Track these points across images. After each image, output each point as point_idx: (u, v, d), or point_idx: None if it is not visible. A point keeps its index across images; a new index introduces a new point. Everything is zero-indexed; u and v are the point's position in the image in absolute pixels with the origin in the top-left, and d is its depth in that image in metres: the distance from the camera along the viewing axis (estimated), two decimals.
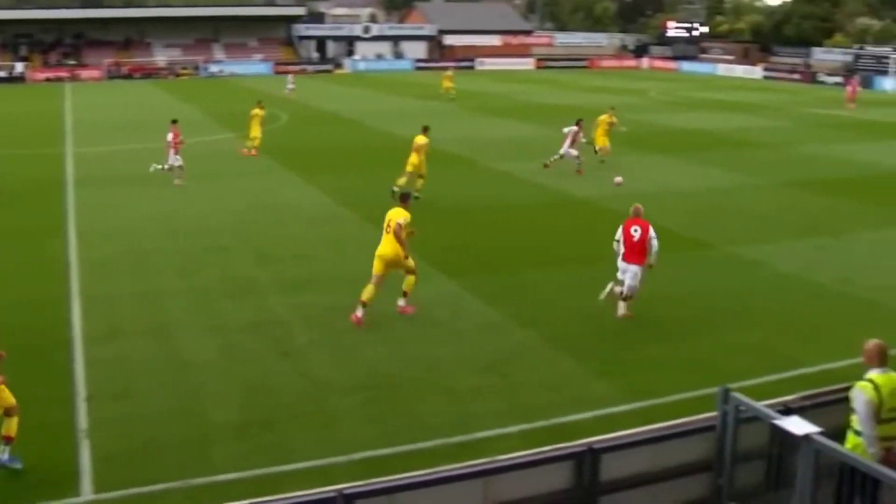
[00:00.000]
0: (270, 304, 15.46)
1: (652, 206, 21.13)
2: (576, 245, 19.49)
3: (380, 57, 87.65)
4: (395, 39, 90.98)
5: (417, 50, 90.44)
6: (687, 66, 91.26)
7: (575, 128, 27.22)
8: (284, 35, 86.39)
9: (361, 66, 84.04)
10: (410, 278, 14.70)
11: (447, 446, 10.44)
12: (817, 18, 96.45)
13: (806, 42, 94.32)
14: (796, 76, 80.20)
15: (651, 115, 46.06)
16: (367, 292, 14.35)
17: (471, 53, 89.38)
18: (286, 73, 67.52)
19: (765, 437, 8.72)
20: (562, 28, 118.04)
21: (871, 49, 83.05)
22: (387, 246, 14.28)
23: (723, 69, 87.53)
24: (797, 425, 7.87)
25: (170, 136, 26.02)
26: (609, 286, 14.96)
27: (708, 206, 23.67)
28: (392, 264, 14.36)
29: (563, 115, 45.66)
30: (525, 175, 27.75)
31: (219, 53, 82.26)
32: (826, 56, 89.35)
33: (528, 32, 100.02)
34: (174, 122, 26.60)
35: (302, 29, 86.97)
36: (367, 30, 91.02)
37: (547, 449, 8.50)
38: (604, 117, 29.23)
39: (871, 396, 7.94)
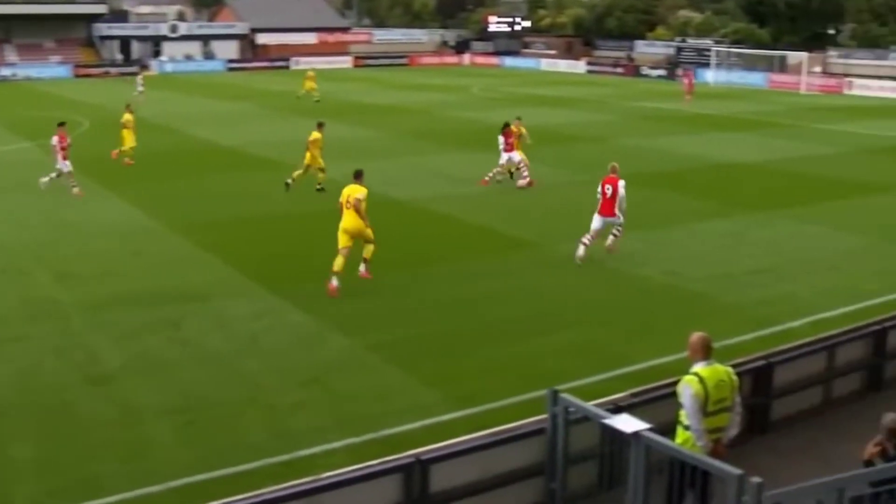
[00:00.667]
0: (74, 326, 14.74)
1: (474, 206, 21.52)
2: (398, 248, 19.49)
3: (189, 58, 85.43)
4: (205, 39, 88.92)
5: (229, 50, 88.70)
6: (510, 61, 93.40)
7: (501, 137, 26.30)
8: (84, 35, 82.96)
9: (169, 67, 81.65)
10: (370, 247, 16.84)
11: (270, 466, 10.22)
12: (639, 11, 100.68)
13: (628, 35, 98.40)
14: (619, 70, 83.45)
15: (474, 112, 46.79)
16: (338, 263, 16.32)
17: (285, 52, 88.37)
18: (135, 74, 64.80)
19: (596, 437, 8.93)
20: (380, 24, 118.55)
21: (692, 42, 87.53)
22: (349, 220, 16.39)
23: (546, 64, 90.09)
24: (626, 423, 8.07)
25: (55, 140, 24.86)
26: (581, 249, 18.37)
27: (531, 204, 24.18)
28: (355, 235, 16.44)
29: (382, 114, 45.85)
30: (345, 178, 27.53)
31: (11, 55, 78.07)
32: (649, 49, 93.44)
33: (345, 30, 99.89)
34: (61, 124, 25.25)
35: (104, 28, 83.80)
36: (174, 29, 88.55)
37: (374, 463, 8.40)
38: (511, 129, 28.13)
39: (696, 390, 8.18)
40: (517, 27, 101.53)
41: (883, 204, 25.23)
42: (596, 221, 18.52)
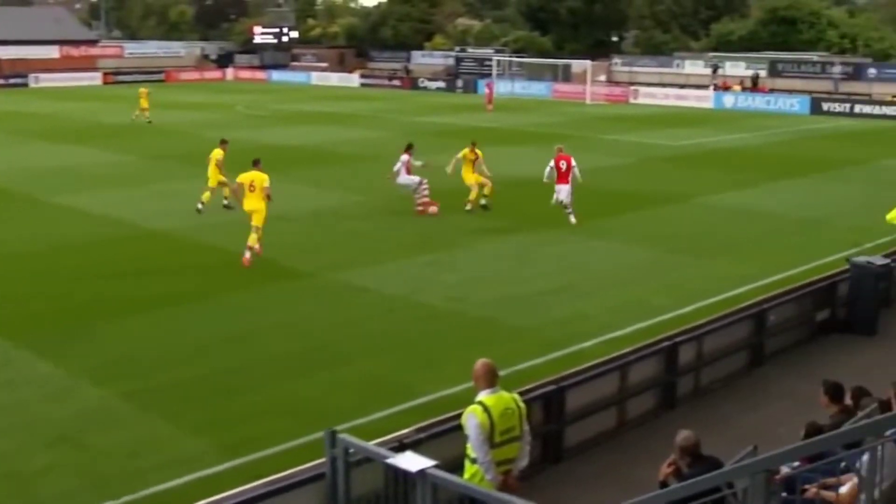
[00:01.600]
0: None
1: (243, 233, 21.16)
2: (155, 284, 18.95)
3: None
4: None
5: None
6: (278, 75, 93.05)
7: (405, 157, 26.17)
8: None
9: None
10: (255, 235, 20.61)
11: None
12: (415, 20, 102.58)
13: (405, 45, 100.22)
14: (396, 83, 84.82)
15: (239, 131, 46.26)
16: (252, 239, 20.62)
17: (22, 68, 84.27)
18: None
19: (380, 479, 8.88)
20: (132, 36, 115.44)
21: (472, 51, 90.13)
22: (252, 202, 20.74)
23: (317, 78, 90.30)
24: (411, 461, 8.03)
25: None
26: (572, 218, 24.70)
27: (301, 230, 24.11)
28: (254, 213, 20.74)
29: (134, 136, 44.57)
30: (95, 208, 26.65)
31: None
32: (427, 60, 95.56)
33: (92, 42, 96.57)
34: None
35: None
36: None
37: None
38: (465, 152, 27.09)
39: (481, 420, 8.25)
40: (285, 38, 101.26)
41: (670, 215, 26.72)
42: (562, 192, 24.97)
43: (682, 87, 74.15)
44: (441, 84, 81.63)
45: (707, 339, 14.34)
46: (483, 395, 8.45)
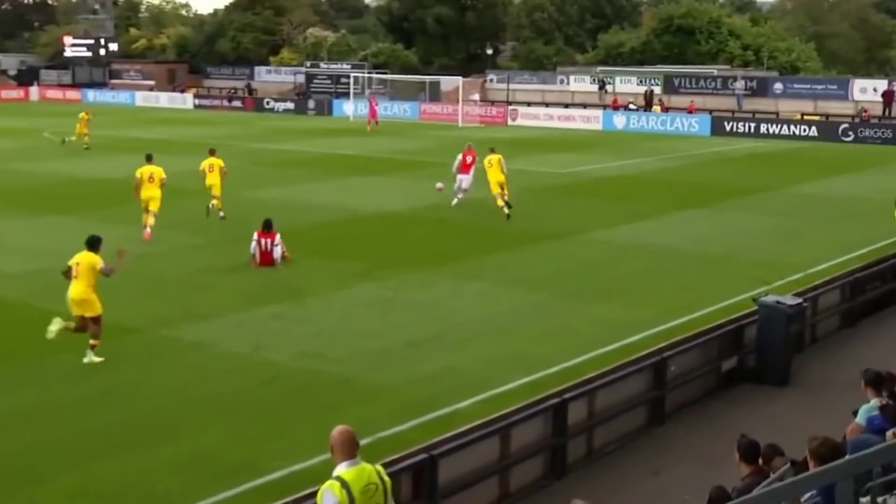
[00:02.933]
0: None
1: (52, 286, 20.56)
2: None
3: None
4: None
5: None
6: (95, 95, 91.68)
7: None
8: None
9: None
10: (151, 219, 28.07)
11: None
12: (259, 30, 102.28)
13: (247, 60, 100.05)
14: (237, 104, 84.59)
15: (48, 162, 45.24)
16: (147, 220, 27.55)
17: None
18: None
19: None
20: None
21: (326, 67, 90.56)
22: (149, 191, 28.16)
23: (143, 98, 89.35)
24: None
25: None
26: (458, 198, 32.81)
27: (125, 279, 23.58)
28: (148, 201, 28.12)
29: None
30: None
31: None
32: (273, 77, 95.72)
33: None
34: None
35: None
36: None
37: None
38: (495, 157, 32.89)
39: (340, 498, 8.11)
40: (103, 51, 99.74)
41: (553, 252, 27.12)
42: (464, 181, 33.49)
43: (567, 106, 75.86)
44: (290, 105, 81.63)
45: (599, 395, 14.48)
46: (341, 469, 8.31)
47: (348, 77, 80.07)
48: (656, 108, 71.09)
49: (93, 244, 18.17)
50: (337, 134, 60.94)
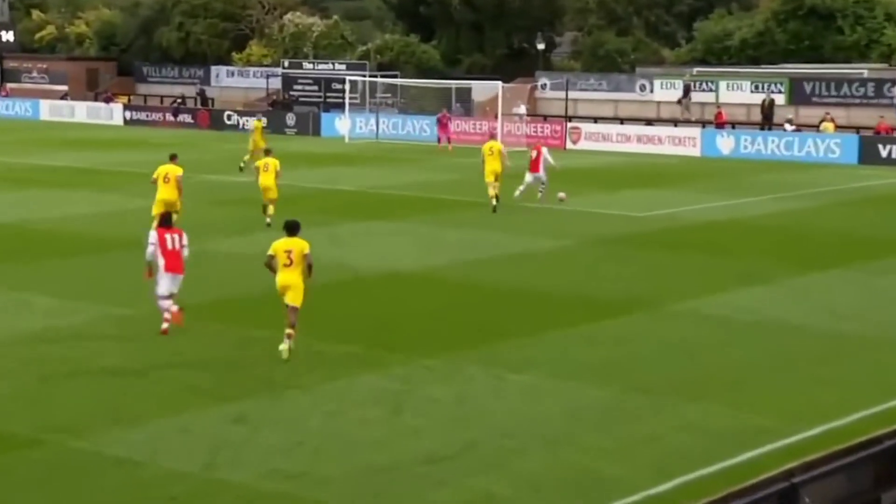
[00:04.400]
0: None
1: None
2: None
3: None
4: None
5: None
6: None
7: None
8: None
9: None
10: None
11: None
12: (217, 15, 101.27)
13: (200, 58, 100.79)
14: (186, 118, 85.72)
15: None
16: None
17: None
18: None
19: None
20: None
21: (312, 67, 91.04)
22: (165, 192, 36.35)
23: (50, 109, 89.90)
24: None
25: None
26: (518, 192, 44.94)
27: (14, 368, 23.55)
28: (170, 206, 34.98)
29: None
30: None
31: None
32: (237, 81, 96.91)
33: None
34: None
35: None
36: None
37: None
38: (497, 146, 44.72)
39: None
40: None
41: (629, 329, 26.98)
42: (528, 177, 45.83)
43: (651, 122, 75.98)
44: (261, 120, 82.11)
45: None
46: None
47: (343, 82, 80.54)
48: (789, 125, 69.56)
49: (294, 228, 25.06)
50: (327, 161, 61.11)
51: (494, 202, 42.96)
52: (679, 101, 79.12)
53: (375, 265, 33.89)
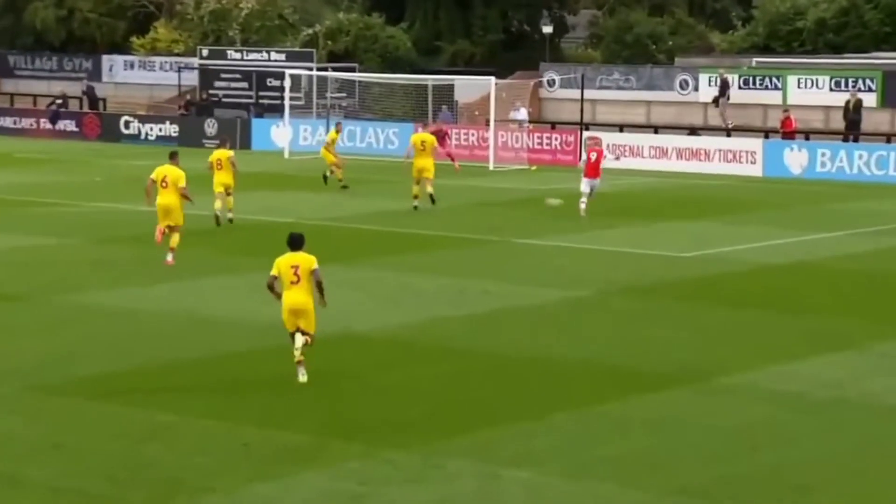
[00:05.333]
0: None
1: None
2: None
3: None
4: None
5: None
6: None
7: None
8: None
9: None
10: (177, 236, 40.52)
11: None
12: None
13: (87, 44, 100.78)
14: (68, 125, 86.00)
15: None
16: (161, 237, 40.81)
17: None
18: None
19: None
20: None
21: (240, 57, 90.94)
22: (166, 198, 41.75)
23: None
24: None
25: None
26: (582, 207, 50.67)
27: None
28: (169, 212, 41.54)
29: None
30: None
31: None
32: (139, 76, 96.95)
33: None
34: None
35: None
36: None
37: None
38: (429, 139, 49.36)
39: None
40: None
41: (665, 410, 26.86)
42: (584, 184, 50.94)
43: (695, 131, 76.01)
44: (170, 128, 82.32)
45: None
46: None
47: (282, 77, 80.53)
48: None
49: (298, 242, 27.74)
50: (259, 184, 61.05)
51: (425, 204, 51.89)
52: (714, 102, 78.84)
53: (324, 324, 33.74)
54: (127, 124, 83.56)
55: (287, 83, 78.48)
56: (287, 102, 77.84)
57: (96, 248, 44.64)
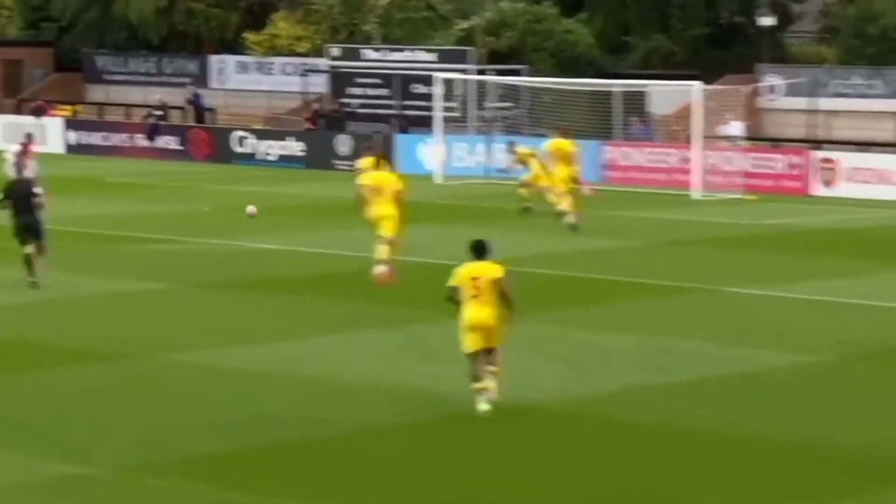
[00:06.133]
0: None
1: None
2: None
3: None
4: None
5: None
6: None
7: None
8: None
9: None
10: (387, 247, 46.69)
11: None
12: None
13: (195, 41, 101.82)
14: (169, 142, 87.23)
15: None
16: (381, 252, 45.60)
17: None
18: None
19: None
20: None
21: (380, 57, 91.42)
22: (384, 208, 46.28)
23: None
24: None
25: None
26: None
27: None
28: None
29: None
30: None
31: None
32: (253, 79, 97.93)
33: None
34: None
35: None
36: None
37: None
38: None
39: None
40: None
41: None
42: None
43: None
44: (294, 146, 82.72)
45: None
46: None
47: (430, 82, 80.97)
48: None
49: (482, 250, 30.05)
50: (410, 214, 61.70)
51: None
52: None
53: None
54: (241, 141, 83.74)
55: (438, 90, 78.36)
56: (438, 114, 77.81)
57: (207, 294, 44.97)
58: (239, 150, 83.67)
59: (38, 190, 48.01)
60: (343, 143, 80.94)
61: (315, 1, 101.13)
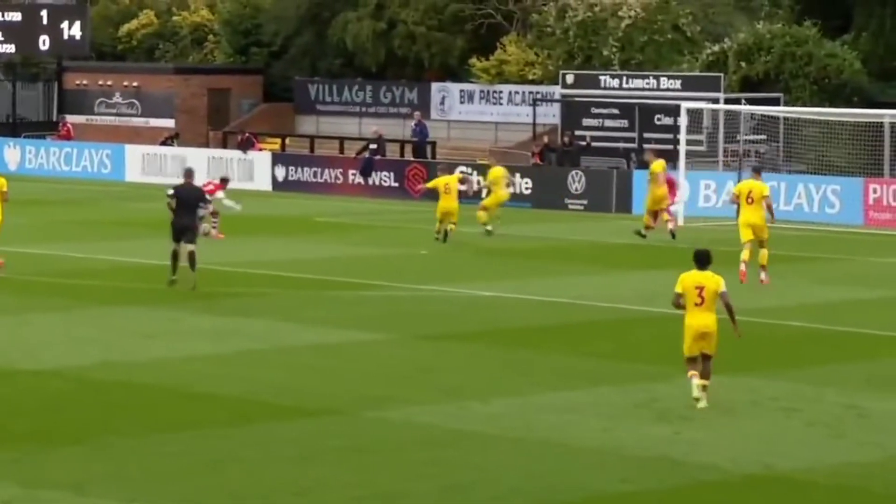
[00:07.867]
0: None
1: None
2: None
3: None
4: None
5: None
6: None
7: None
8: None
9: None
10: (765, 251, 60.35)
11: None
12: None
13: (415, 68, 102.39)
14: (386, 178, 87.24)
15: None
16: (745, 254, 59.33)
17: None
18: None
19: None
20: None
21: (647, 82, 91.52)
22: (750, 215, 61.31)
23: (146, 162, 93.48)
24: None
25: None
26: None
27: None
28: (760, 230, 60.84)
29: None
30: None
31: None
32: (482, 109, 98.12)
33: None
34: None
35: None
36: None
37: None
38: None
39: None
40: (46, 46, 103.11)
41: None
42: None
43: None
44: (520, 182, 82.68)
45: None
46: None
47: (674, 112, 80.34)
48: None
49: (705, 260, 34.86)
50: (647, 261, 61.18)
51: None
52: None
53: (736, 457, 33.50)
54: (462, 179, 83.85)
55: (683, 121, 77.96)
56: (683, 147, 77.33)
57: (425, 346, 45.56)
58: (460, 187, 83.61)
59: (205, 200, 57.02)
60: (575, 180, 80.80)
61: (548, 22, 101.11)
